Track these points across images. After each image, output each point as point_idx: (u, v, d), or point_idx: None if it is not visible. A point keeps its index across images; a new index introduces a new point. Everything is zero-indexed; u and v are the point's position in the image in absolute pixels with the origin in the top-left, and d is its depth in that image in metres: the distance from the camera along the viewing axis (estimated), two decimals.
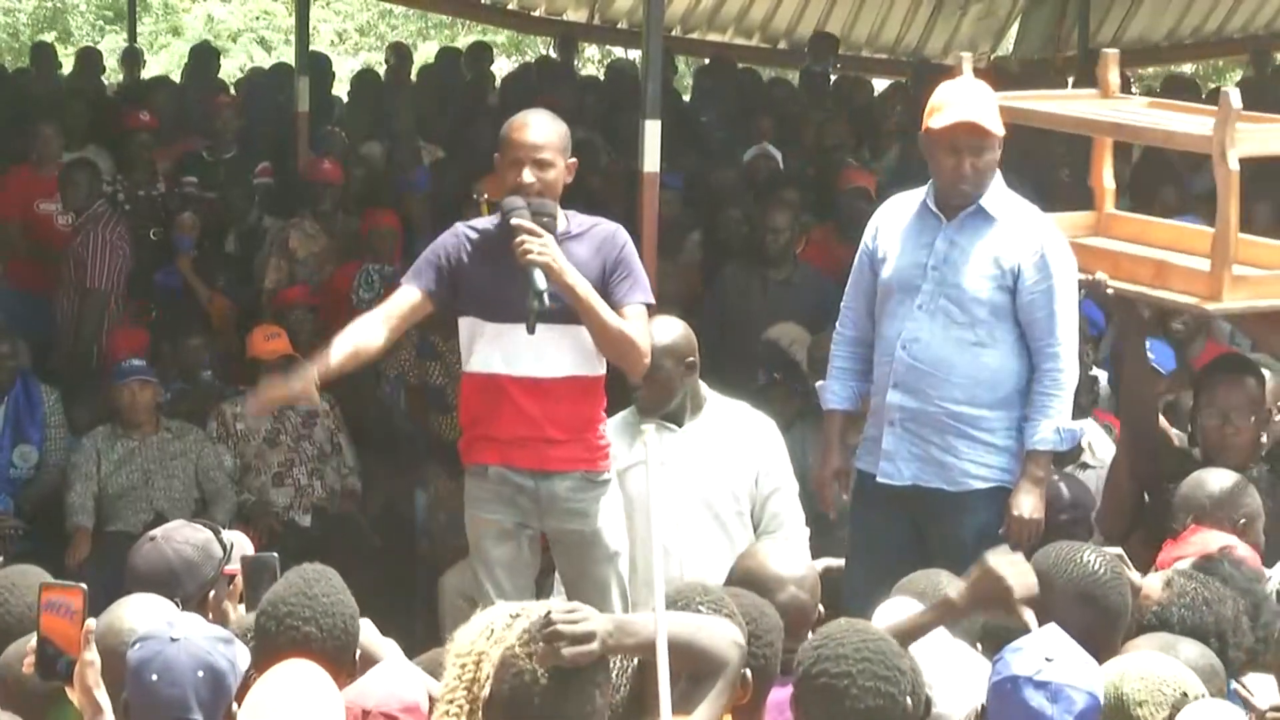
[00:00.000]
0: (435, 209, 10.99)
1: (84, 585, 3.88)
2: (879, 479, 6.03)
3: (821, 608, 4.89)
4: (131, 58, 15.80)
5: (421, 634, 6.75)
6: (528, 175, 5.67)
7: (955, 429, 5.90)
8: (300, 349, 9.13)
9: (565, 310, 5.61)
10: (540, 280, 5.53)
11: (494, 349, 5.73)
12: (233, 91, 13.85)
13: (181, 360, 9.50)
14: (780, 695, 4.24)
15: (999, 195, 5.94)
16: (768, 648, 4.30)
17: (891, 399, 5.98)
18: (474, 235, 5.79)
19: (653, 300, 5.85)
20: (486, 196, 9.80)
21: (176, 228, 10.47)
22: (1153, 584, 4.68)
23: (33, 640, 4.06)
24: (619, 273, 5.73)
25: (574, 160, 5.80)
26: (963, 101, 5.86)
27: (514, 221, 5.58)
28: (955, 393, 5.90)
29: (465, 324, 5.82)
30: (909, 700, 3.89)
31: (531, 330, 5.55)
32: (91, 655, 3.73)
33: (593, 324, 5.63)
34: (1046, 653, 3.94)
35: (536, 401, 5.70)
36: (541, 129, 5.74)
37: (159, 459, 8.65)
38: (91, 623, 3.76)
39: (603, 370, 5.79)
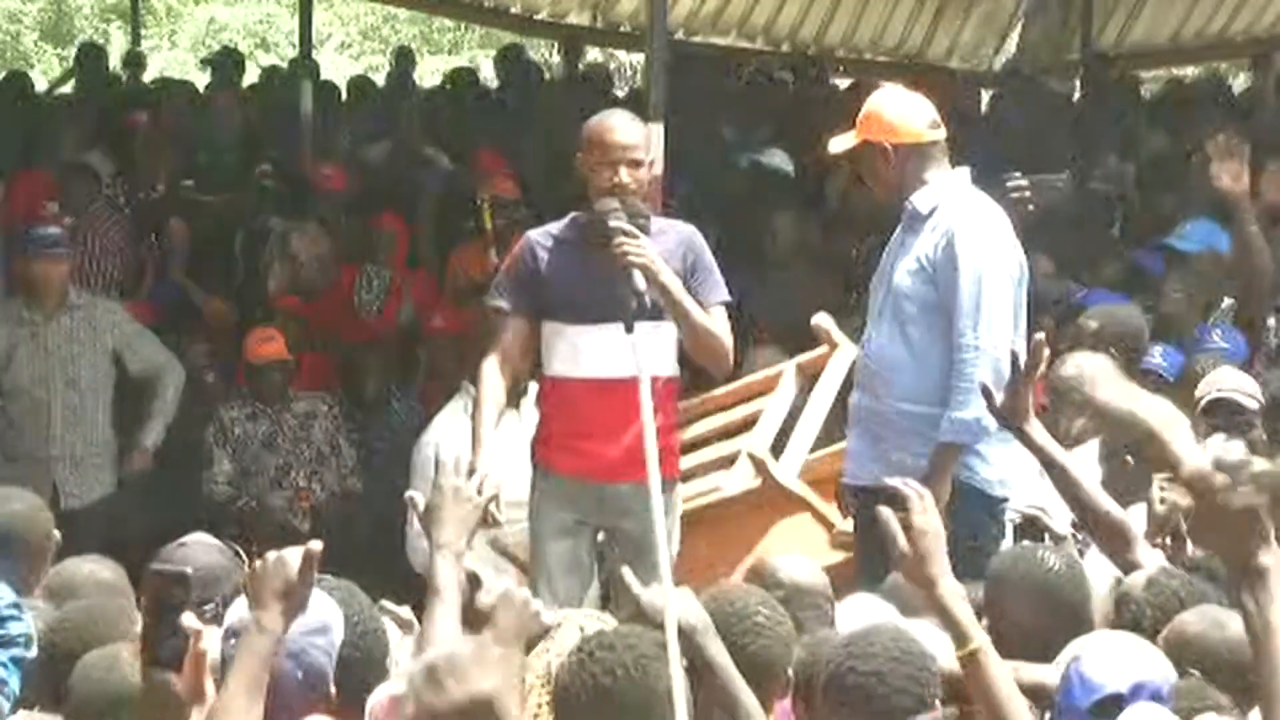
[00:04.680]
0: (441, 212, 10.97)
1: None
2: (845, 480, 6.02)
3: None
4: (134, 60, 15.77)
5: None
6: (624, 175, 5.68)
7: (907, 427, 5.80)
8: (290, 352, 9.07)
9: (649, 309, 5.64)
10: (640, 281, 5.56)
11: (577, 352, 5.77)
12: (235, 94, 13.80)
13: (185, 364, 9.46)
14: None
15: (936, 192, 5.87)
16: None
17: (853, 399, 6.02)
18: (548, 241, 5.83)
19: (729, 298, 5.91)
20: (487, 200, 9.82)
21: (167, 235, 10.46)
22: (1136, 581, 4.47)
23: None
24: (700, 274, 5.81)
25: (655, 159, 5.87)
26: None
27: (612, 224, 5.60)
28: (901, 391, 5.83)
29: (548, 329, 5.84)
30: (934, 699, 3.86)
31: (630, 330, 5.49)
32: (207, 646, 3.50)
33: (686, 325, 5.71)
34: None
35: (618, 405, 5.61)
36: (631, 129, 5.76)
37: (67, 341, 8.40)
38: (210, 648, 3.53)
39: (676, 371, 5.85)
